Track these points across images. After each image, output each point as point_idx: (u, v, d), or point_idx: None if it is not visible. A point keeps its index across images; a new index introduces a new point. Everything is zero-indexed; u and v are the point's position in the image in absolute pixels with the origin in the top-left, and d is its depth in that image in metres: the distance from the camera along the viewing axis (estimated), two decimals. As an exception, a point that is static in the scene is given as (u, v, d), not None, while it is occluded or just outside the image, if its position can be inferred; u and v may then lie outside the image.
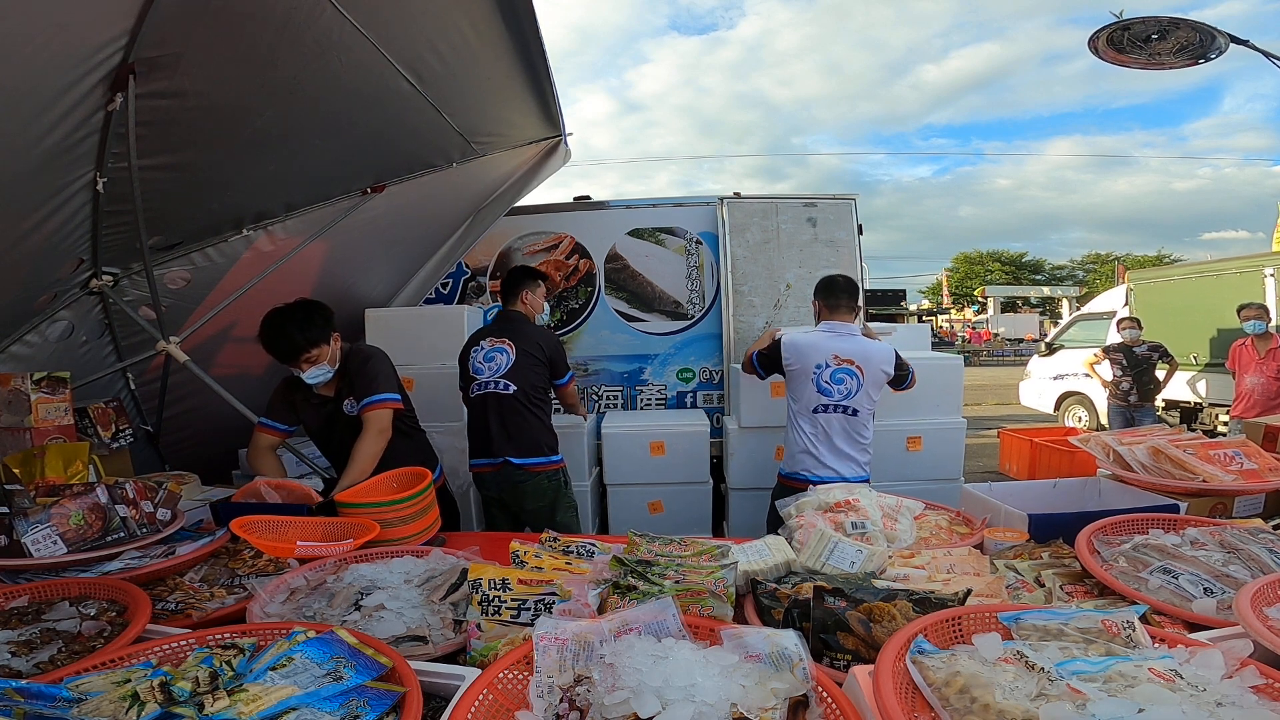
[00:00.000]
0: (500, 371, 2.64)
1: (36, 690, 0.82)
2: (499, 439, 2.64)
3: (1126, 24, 4.19)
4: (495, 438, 2.64)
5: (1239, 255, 7.46)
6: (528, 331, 2.75)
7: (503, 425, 2.64)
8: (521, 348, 2.68)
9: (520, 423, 2.65)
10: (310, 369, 2.19)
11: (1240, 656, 0.85)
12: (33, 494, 1.55)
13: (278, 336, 2.17)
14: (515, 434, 2.64)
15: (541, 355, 2.72)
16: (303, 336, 2.17)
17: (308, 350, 2.18)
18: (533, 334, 2.75)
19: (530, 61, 2.72)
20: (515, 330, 2.73)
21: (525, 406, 2.65)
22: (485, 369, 2.67)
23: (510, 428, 2.64)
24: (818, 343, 2.61)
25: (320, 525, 1.79)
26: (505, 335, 2.71)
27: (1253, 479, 1.81)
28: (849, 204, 4.23)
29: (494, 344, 2.70)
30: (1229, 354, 5.59)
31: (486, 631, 1.12)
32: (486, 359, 2.68)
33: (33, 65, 1.55)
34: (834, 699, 0.86)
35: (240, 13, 1.78)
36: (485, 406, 2.66)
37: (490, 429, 2.65)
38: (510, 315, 2.80)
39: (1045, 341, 9.85)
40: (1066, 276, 40.91)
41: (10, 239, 2.00)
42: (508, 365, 2.65)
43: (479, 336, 2.77)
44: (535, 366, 2.69)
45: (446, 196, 3.68)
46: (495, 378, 2.64)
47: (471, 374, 2.70)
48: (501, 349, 2.69)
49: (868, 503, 1.72)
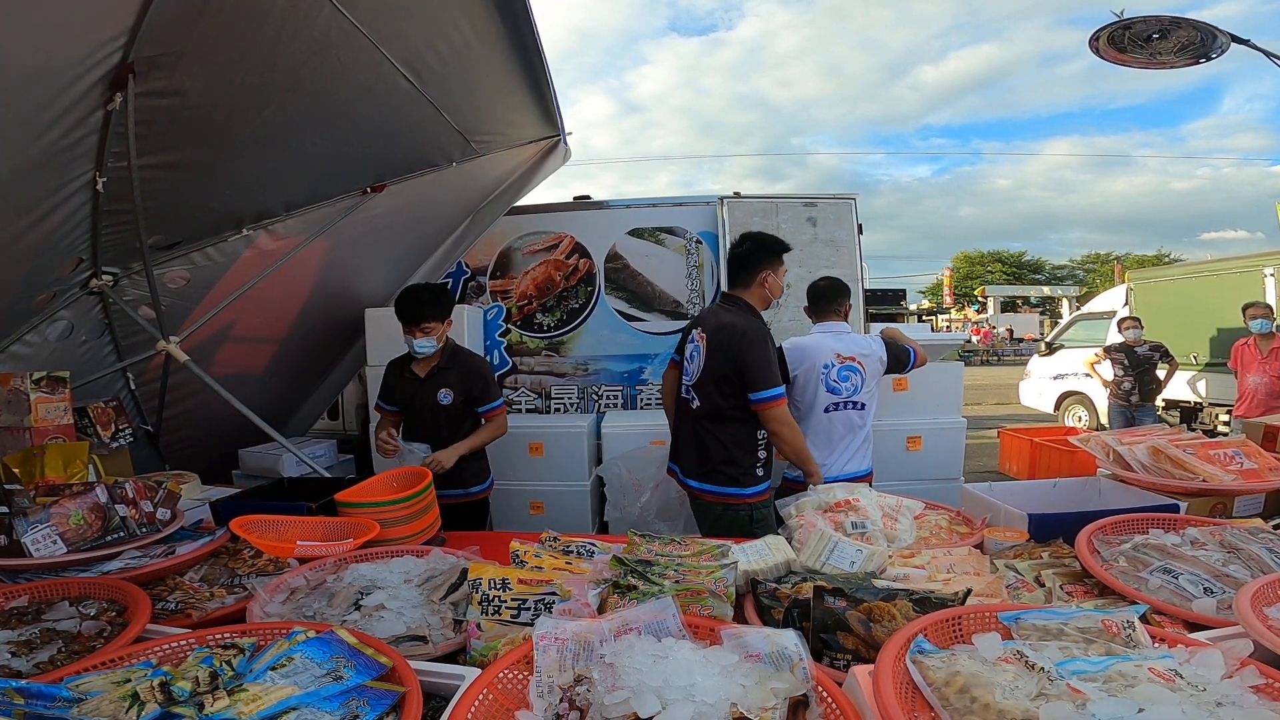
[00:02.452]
0: (691, 379, 2.33)
1: (36, 690, 0.82)
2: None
3: (1128, 23, 4.19)
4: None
5: (1239, 255, 7.47)
6: (725, 325, 2.29)
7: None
8: (710, 349, 2.28)
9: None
10: (422, 338, 2.51)
11: (1240, 656, 0.85)
12: (32, 494, 1.55)
13: (412, 301, 2.52)
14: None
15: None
16: (430, 310, 2.51)
17: (429, 321, 2.51)
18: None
19: (529, 60, 2.73)
20: (716, 324, 2.30)
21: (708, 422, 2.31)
22: (688, 369, 2.36)
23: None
24: (820, 343, 2.62)
25: (320, 525, 1.79)
26: (705, 329, 2.31)
27: (1253, 479, 1.81)
28: (849, 204, 4.23)
29: (698, 340, 2.34)
30: (1231, 353, 5.57)
31: (486, 631, 1.12)
32: (689, 357, 2.37)
33: (32, 64, 1.55)
34: (834, 699, 0.86)
35: (239, 12, 1.78)
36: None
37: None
38: (730, 301, 2.38)
39: (1045, 341, 9.85)
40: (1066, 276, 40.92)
41: (9, 237, 1.99)
42: (696, 374, 2.31)
43: (694, 325, 2.42)
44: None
45: (446, 196, 3.68)
46: (690, 383, 2.34)
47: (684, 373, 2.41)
48: (698, 348, 2.33)
49: (868, 503, 1.72)
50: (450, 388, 2.61)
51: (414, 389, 2.62)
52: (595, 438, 3.82)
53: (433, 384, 2.60)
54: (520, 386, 4.43)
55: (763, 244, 2.35)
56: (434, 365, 2.62)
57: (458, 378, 2.64)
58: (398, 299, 2.55)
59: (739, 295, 2.36)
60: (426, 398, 2.60)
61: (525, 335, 4.41)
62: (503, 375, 4.41)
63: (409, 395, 2.63)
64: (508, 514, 3.75)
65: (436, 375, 2.61)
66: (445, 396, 2.60)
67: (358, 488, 1.94)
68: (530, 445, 3.67)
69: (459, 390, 2.62)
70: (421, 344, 2.54)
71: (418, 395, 2.61)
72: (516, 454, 3.58)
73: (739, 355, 2.19)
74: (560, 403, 4.39)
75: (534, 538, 1.54)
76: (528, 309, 4.40)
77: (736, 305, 2.34)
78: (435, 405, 2.59)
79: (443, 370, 2.63)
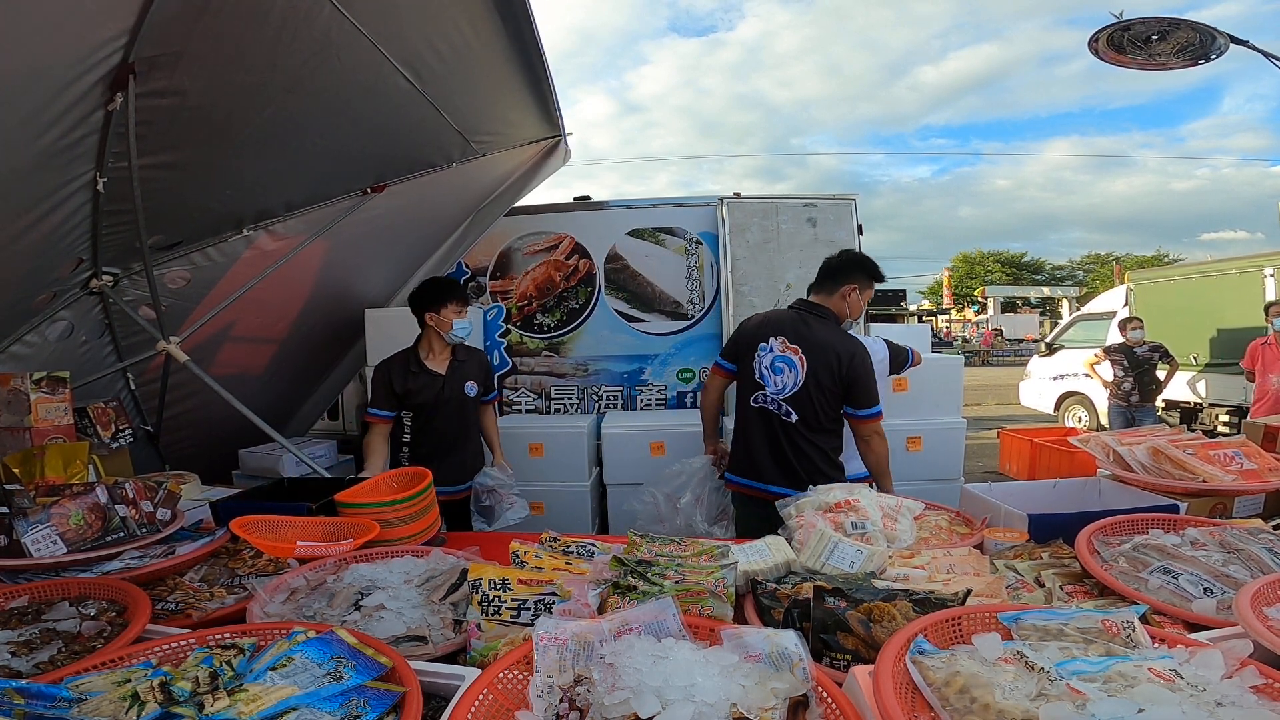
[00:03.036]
0: (784, 393, 2.27)
1: (36, 690, 0.82)
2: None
3: (1127, 24, 4.19)
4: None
5: (1239, 255, 7.47)
6: (828, 343, 2.27)
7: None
8: (814, 369, 2.24)
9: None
10: (460, 320, 2.54)
11: (1240, 656, 0.85)
12: (32, 494, 1.55)
13: (453, 282, 2.63)
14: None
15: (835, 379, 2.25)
16: (471, 295, 2.59)
17: (470, 304, 2.61)
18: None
19: (529, 60, 2.73)
20: (816, 344, 2.26)
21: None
22: (771, 381, 2.29)
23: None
24: None
25: (320, 525, 1.79)
26: (800, 343, 2.26)
27: (1253, 479, 1.81)
28: (849, 204, 4.23)
29: (786, 350, 2.28)
30: (1246, 353, 5.51)
31: (486, 631, 1.12)
32: (774, 368, 2.28)
33: (32, 65, 1.55)
34: (834, 699, 0.86)
35: (239, 12, 1.78)
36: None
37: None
38: (819, 312, 2.33)
39: (1045, 342, 9.85)
40: (1066, 277, 40.93)
41: (9, 237, 1.99)
42: (793, 388, 2.26)
43: (770, 331, 2.32)
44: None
45: (446, 196, 3.68)
46: (779, 397, 2.27)
47: (757, 379, 2.32)
48: (793, 364, 2.26)
49: (868, 503, 1.72)
50: (473, 379, 2.62)
51: (436, 384, 2.56)
52: (595, 438, 3.82)
53: (457, 376, 2.59)
54: (520, 387, 4.43)
55: (860, 262, 2.40)
56: (451, 358, 2.60)
57: (477, 368, 2.66)
58: (440, 282, 2.58)
59: (824, 304, 2.35)
60: (453, 391, 2.57)
61: (525, 336, 4.41)
62: (503, 375, 4.41)
63: (431, 392, 2.55)
64: (508, 514, 3.75)
65: (458, 368, 2.60)
66: (471, 388, 2.61)
67: (358, 488, 1.94)
68: (530, 445, 3.67)
69: (480, 381, 2.65)
70: (465, 325, 2.55)
71: (442, 390, 2.56)
72: (516, 454, 3.58)
73: (850, 375, 2.24)
74: (560, 403, 4.39)
75: (534, 538, 1.54)
76: (528, 309, 4.40)
77: (825, 318, 2.33)
78: (463, 398, 2.59)
79: (462, 362, 2.62)
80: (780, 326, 2.32)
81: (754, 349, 2.34)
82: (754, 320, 2.45)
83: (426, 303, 2.54)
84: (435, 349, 2.59)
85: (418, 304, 2.57)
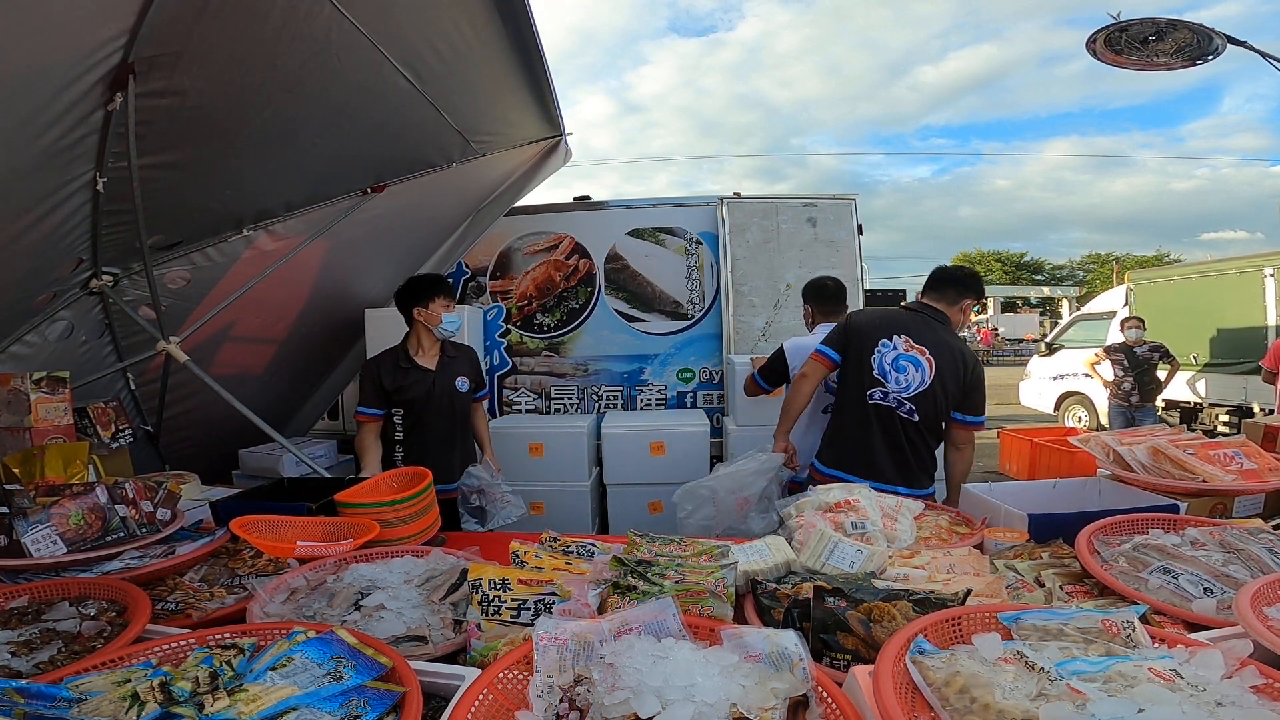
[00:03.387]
0: (909, 391, 2.27)
1: (36, 690, 0.82)
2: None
3: (1124, 25, 4.19)
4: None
5: (1239, 255, 7.47)
6: (951, 347, 2.30)
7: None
8: (940, 370, 2.26)
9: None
10: (454, 314, 2.55)
11: (1240, 656, 0.85)
12: (32, 494, 1.55)
13: (438, 278, 2.61)
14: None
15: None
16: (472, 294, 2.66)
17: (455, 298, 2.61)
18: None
19: (529, 60, 2.73)
20: (944, 349, 2.28)
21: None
22: (893, 378, 2.28)
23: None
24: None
25: (320, 525, 1.79)
26: (925, 344, 2.28)
27: (1253, 479, 1.81)
28: (849, 204, 4.23)
29: (911, 350, 2.29)
30: (1270, 352, 5.46)
31: (486, 631, 1.12)
32: (897, 365, 2.28)
33: (32, 65, 1.55)
34: (834, 699, 0.86)
35: (239, 12, 1.78)
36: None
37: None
38: (938, 316, 2.35)
39: (1045, 341, 9.86)
40: (1066, 277, 40.93)
41: (9, 237, 1.99)
42: (919, 387, 2.26)
43: (891, 329, 2.31)
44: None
45: (446, 196, 3.68)
46: (901, 395, 2.27)
47: (875, 375, 2.29)
48: (920, 364, 2.27)
49: (868, 503, 1.72)
50: (464, 374, 2.60)
51: (427, 380, 2.53)
52: (595, 438, 3.82)
53: (448, 372, 2.57)
54: (520, 387, 4.43)
55: (978, 280, 2.47)
56: (441, 354, 2.59)
57: (467, 364, 2.64)
58: (426, 277, 2.58)
59: (943, 311, 2.37)
60: (444, 386, 2.55)
61: (525, 336, 4.41)
62: (503, 375, 4.41)
63: (422, 388, 2.52)
64: (508, 514, 3.75)
65: (448, 363, 2.58)
66: (463, 384, 2.59)
67: (358, 488, 1.94)
68: (530, 445, 3.67)
69: (471, 377, 2.63)
70: (454, 320, 2.54)
71: (434, 386, 2.54)
72: (516, 454, 3.58)
73: (972, 381, 2.31)
74: (560, 403, 4.39)
75: (534, 538, 1.54)
76: (528, 309, 4.40)
77: (946, 324, 2.36)
78: (454, 394, 2.57)
79: (452, 358, 2.60)
80: (903, 325, 2.33)
81: (872, 344, 2.32)
82: (865, 315, 2.47)
83: (414, 298, 2.53)
84: (425, 345, 2.57)
85: (405, 300, 2.55)
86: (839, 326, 2.46)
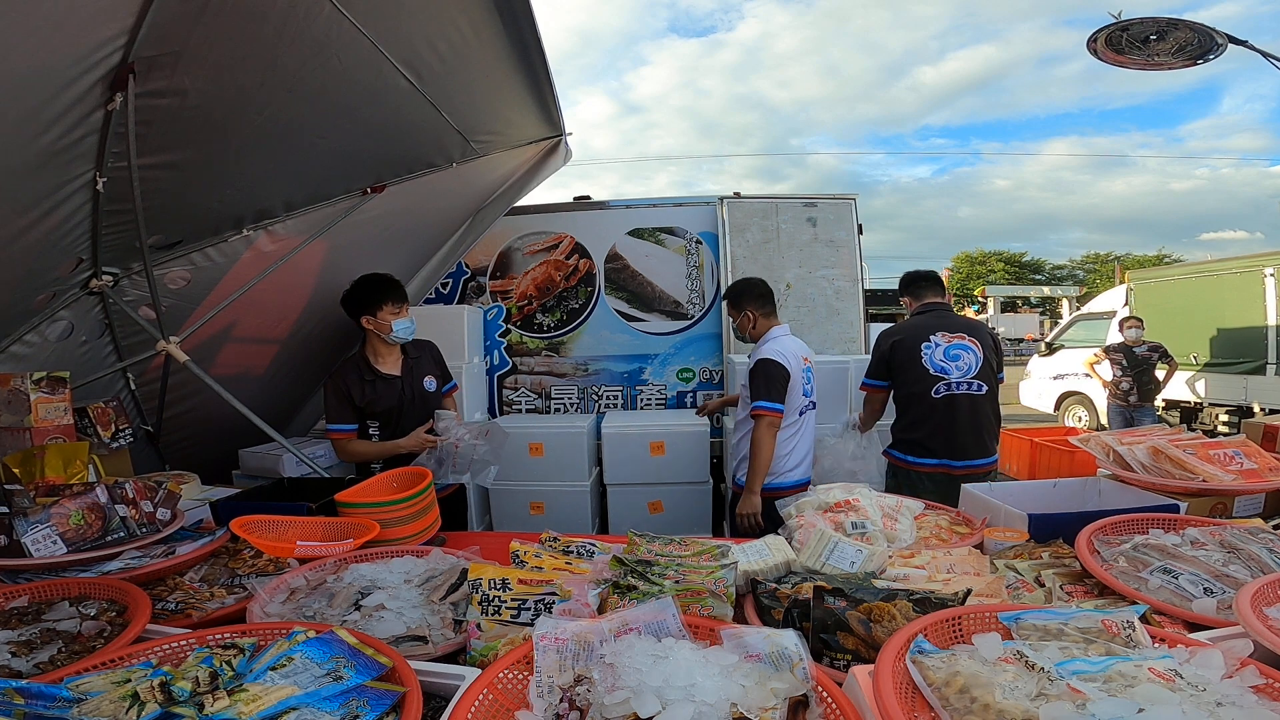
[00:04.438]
0: (972, 371, 2.66)
1: (36, 690, 0.82)
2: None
3: (1125, 25, 4.19)
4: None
5: (1239, 255, 7.48)
6: (975, 324, 2.84)
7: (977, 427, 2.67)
8: (983, 344, 2.71)
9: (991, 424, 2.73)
10: (406, 319, 2.46)
11: (1240, 656, 0.85)
12: (32, 494, 1.55)
13: (389, 280, 2.49)
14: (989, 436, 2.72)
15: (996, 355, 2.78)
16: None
17: (407, 300, 2.51)
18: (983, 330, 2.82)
19: (529, 60, 2.72)
20: (972, 326, 2.78)
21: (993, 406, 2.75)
22: (953, 368, 2.66)
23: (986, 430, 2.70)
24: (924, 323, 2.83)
25: (320, 525, 1.79)
26: (964, 330, 2.73)
27: (1253, 479, 1.81)
28: (849, 204, 4.23)
29: (952, 339, 2.70)
30: None
31: (486, 631, 1.12)
32: (950, 356, 2.67)
33: (32, 64, 1.55)
34: (834, 699, 0.86)
35: (239, 11, 1.78)
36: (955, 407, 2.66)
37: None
38: (946, 307, 2.88)
39: (1045, 341, 9.86)
40: (1066, 276, 40.91)
41: (9, 237, 1.99)
42: (977, 365, 2.67)
43: (925, 332, 2.73)
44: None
45: (446, 196, 3.68)
46: (967, 378, 2.66)
47: (934, 373, 2.67)
48: (967, 346, 2.69)
49: (868, 503, 1.72)
50: (430, 373, 2.52)
51: (394, 388, 2.45)
52: (595, 438, 3.82)
53: (413, 374, 2.48)
54: (520, 387, 4.43)
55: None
56: (402, 357, 2.50)
57: (431, 361, 2.56)
58: (372, 281, 2.45)
59: (946, 303, 2.91)
60: (413, 390, 2.46)
61: (525, 335, 4.41)
62: (503, 375, 4.41)
63: (391, 397, 2.44)
64: (508, 514, 3.75)
65: (412, 366, 2.49)
66: (430, 383, 2.50)
67: (358, 488, 1.94)
68: (530, 445, 3.67)
69: (437, 374, 2.55)
70: (406, 325, 2.43)
71: (403, 391, 2.45)
72: (517, 454, 3.58)
73: (999, 348, 2.81)
74: (560, 403, 4.39)
75: (534, 538, 1.54)
76: (528, 309, 4.40)
77: (952, 310, 2.90)
78: (424, 395, 2.48)
79: (415, 359, 2.50)
80: (932, 326, 2.73)
81: (914, 352, 2.68)
82: (891, 334, 2.82)
83: (360, 306, 2.42)
84: (381, 352, 2.48)
85: (351, 308, 2.45)
86: (877, 358, 2.81)
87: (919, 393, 2.67)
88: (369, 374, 2.43)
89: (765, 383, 2.48)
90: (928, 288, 2.90)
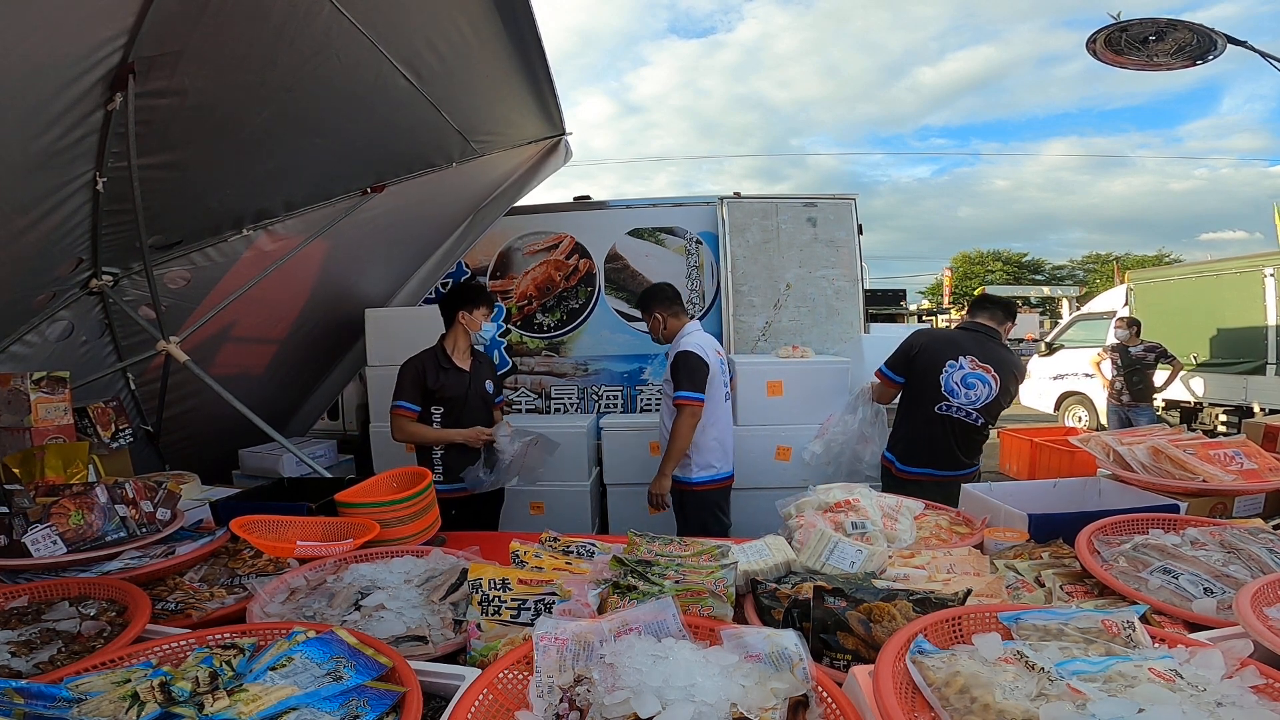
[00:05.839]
0: (979, 404, 2.61)
1: (36, 690, 0.81)
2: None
3: (1124, 25, 4.19)
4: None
5: (1239, 255, 7.48)
6: (1009, 361, 2.69)
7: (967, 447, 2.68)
8: (1004, 383, 2.63)
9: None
10: (487, 324, 2.68)
11: (1240, 656, 0.85)
12: (32, 494, 1.55)
13: (494, 295, 2.88)
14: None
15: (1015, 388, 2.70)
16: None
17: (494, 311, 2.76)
18: (1012, 363, 2.70)
19: (529, 60, 2.73)
20: (1001, 361, 2.65)
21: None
22: (964, 394, 2.62)
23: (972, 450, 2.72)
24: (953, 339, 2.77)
25: (320, 525, 1.79)
26: (989, 362, 2.62)
27: (1253, 479, 1.81)
28: (849, 204, 4.23)
29: (977, 368, 2.62)
30: None
31: (486, 631, 1.12)
32: (966, 383, 2.62)
33: (32, 64, 1.55)
34: (834, 699, 0.86)
35: (239, 12, 1.78)
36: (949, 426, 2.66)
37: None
38: (992, 333, 2.72)
39: (1045, 341, 9.86)
40: (1066, 277, 40.88)
41: (9, 236, 1.99)
42: (986, 399, 2.61)
43: (955, 350, 2.65)
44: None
45: (446, 196, 3.68)
46: (973, 407, 2.62)
47: (944, 392, 2.63)
48: (986, 379, 2.61)
49: (868, 503, 1.72)
50: (489, 378, 2.76)
51: (463, 380, 2.67)
52: (595, 438, 3.81)
53: (477, 375, 2.71)
54: (520, 386, 4.43)
55: (1015, 307, 2.91)
56: (472, 357, 2.73)
57: (489, 369, 2.80)
58: (476, 286, 2.81)
59: (996, 328, 2.73)
60: (477, 388, 2.70)
61: (525, 335, 4.41)
62: (503, 375, 4.41)
63: (461, 388, 2.65)
64: (508, 514, 3.74)
65: (478, 367, 2.74)
66: (490, 386, 2.75)
67: (358, 488, 1.94)
68: (530, 445, 3.66)
69: (494, 381, 2.79)
70: (490, 329, 2.71)
71: (470, 386, 2.68)
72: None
73: (1017, 384, 2.75)
74: (560, 403, 4.39)
75: (534, 538, 1.54)
76: (528, 309, 4.40)
77: (998, 339, 2.72)
78: (484, 394, 2.72)
79: (480, 363, 2.75)
80: (966, 346, 2.66)
81: (938, 365, 2.64)
82: (925, 336, 2.79)
83: (463, 301, 2.66)
84: (460, 347, 2.69)
85: (453, 301, 2.68)
86: (903, 351, 2.76)
87: (923, 402, 2.68)
88: (445, 363, 2.65)
89: (687, 374, 2.60)
90: (984, 309, 2.81)
